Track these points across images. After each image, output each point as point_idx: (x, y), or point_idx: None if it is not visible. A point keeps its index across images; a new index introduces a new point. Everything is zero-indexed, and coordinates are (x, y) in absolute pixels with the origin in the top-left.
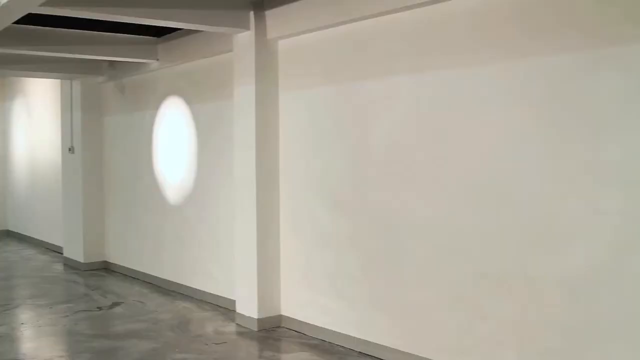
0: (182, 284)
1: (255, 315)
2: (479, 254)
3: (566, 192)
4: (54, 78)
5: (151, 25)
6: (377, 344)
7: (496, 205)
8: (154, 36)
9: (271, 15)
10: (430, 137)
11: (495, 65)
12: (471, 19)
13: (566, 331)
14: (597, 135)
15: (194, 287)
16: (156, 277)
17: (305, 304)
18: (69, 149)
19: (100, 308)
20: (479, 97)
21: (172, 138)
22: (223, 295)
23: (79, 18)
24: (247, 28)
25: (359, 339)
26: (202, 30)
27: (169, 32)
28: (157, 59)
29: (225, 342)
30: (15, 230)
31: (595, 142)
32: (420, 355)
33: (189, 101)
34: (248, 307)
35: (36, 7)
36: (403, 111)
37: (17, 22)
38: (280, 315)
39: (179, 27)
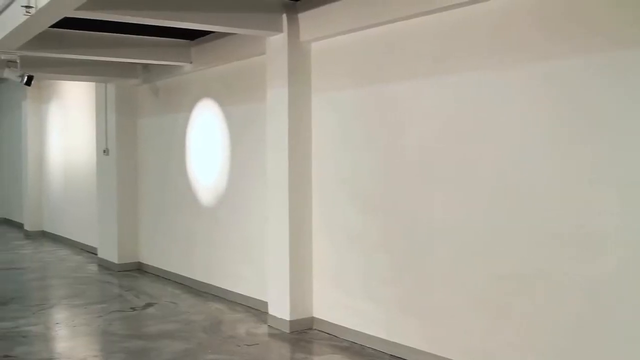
0: (214, 285)
1: (287, 317)
2: (506, 256)
3: (590, 195)
4: (90, 81)
5: (185, 28)
6: (407, 346)
7: (523, 208)
8: (187, 39)
9: (304, 17)
10: (459, 139)
11: (518, 68)
12: (497, 21)
13: (590, 334)
14: (618, 137)
15: (226, 288)
16: (189, 278)
17: (336, 306)
18: (104, 151)
19: (133, 309)
20: (505, 100)
21: (205, 140)
22: (255, 297)
23: (114, 21)
24: (280, 31)
25: (390, 341)
26: (235, 33)
27: (203, 35)
28: (191, 62)
29: (257, 344)
30: (51, 231)
31: (618, 144)
32: (448, 357)
33: (221, 103)
34: (280, 309)
35: (72, 11)
36: (433, 113)
37: (54, 25)
38: (312, 317)
39: (212, 30)
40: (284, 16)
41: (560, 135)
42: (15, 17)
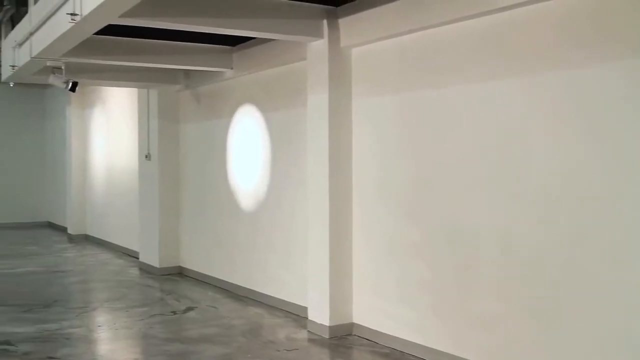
0: (254, 290)
1: (327, 323)
2: (549, 262)
3: (636, 203)
4: (132, 87)
5: (227, 35)
6: (448, 353)
7: (565, 214)
8: (229, 45)
9: (344, 23)
10: (499, 144)
11: (557, 74)
12: (536, 26)
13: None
14: None
15: (266, 293)
16: (229, 282)
17: (376, 312)
18: (146, 156)
19: (174, 312)
20: (545, 104)
21: (246, 145)
22: (295, 302)
23: (157, 28)
24: (320, 36)
25: (430, 348)
26: (276, 39)
27: (244, 41)
28: (232, 68)
29: (296, 349)
30: (93, 235)
31: None
32: None
33: (262, 109)
34: (320, 314)
35: (116, 18)
36: (473, 118)
37: (98, 32)
38: (352, 323)
39: (253, 36)
40: (325, 22)
41: (603, 138)
42: (61, 24)
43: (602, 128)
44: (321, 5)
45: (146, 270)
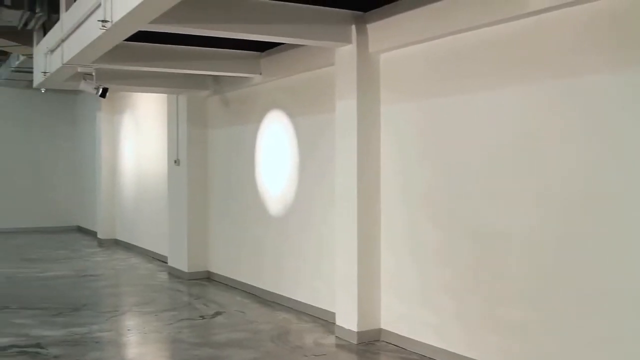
0: (282, 295)
1: (354, 328)
2: (578, 269)
3: None
4: (162, 93)
5: (255, 41)
6: None
7: (594, 218)
8: (257, 51)
9: (373, 28)
10: (526, 150)
11: (585, 78)
12: (563, 30)
13: None
14: None
15: (294, 298)
16: (257, 287)
17: (404, 317)
18: (175, 161)
19: (202, 317)
20: (576, 110)
21: (274, 150)
22: (323, 308)
23: (186, 34)
24: (349, 42)
25: (459, 355)
26: (304, 45)
27: (272, 47)
28: (260, 73)
29: (324, 355)
30: (123, 240)
31: None
32: None
33: (290, 114)
34: (348, 320)
35: (146, 24)
36: (502, 123)
37: (128, 39)
38: (380, 329)
39: (282, 42)
40: (353, 27)
41: (629, 142)
42: (92, 31)
43: (626, 133)
44: (349, 11)
45: (175, 274)
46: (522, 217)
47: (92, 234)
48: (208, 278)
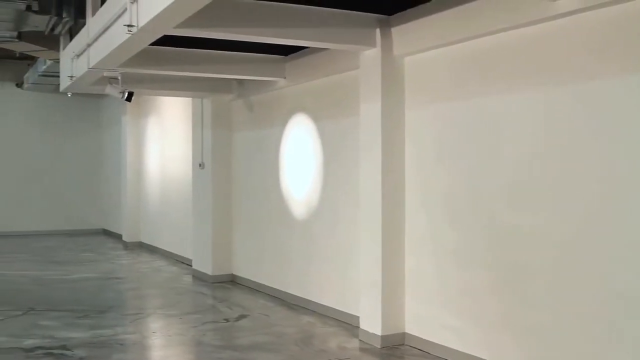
0: (306, 299)
1: (378, 332)
2: (614, 272)
3: None
4: (187, 97)
5: (279, 44)
6: None
7: (617, 220)
8: (281, 55)
9: (397, 32)
10: (557, 153)
11: (618, 81)
12: (592, 33)
13: None
14: None
15: (318, 301)
16: (281, 290)
17: (429, 321)
18: (200, 165)
19: (226, 320)
20: (603, 112)
21: (299, 154)
22: (347, 311)
23: (211, 38)
24: (373, 45)
25: (483, 359)
26: (328, 48)
27: (296, 51)
28: (285, 77)
29: (348, 358)
30: (148, 242)
31: None
32: None
33: (315, 118)
34: (371, 324)
35: (171, 29)
36: (528, 126)
37: (153, 43)
38: (404, 333)
39: (306, 45)
40: (378, 31)
41: None
42: (118, 35)
43: None
44: (374, 14)
45: (199, 277)
46: (545, 219)
47: (117, 236)
48: (232, 281)
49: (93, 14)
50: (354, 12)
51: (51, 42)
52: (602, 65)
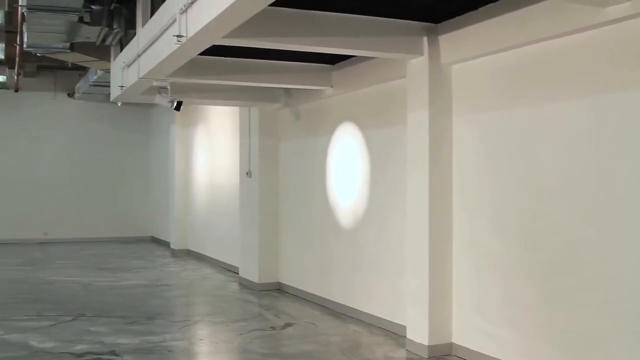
0: (353, 307)
1: (425, 342)
2: None
3: None
4: (234, 105)
5: (327, 53)
6: None
7: None
8: (328, 63)
9: (445, 40)
10: (609, 162)
11: None
12: None
13: None
14: None
15: (364, 310)
16: (327, 299)
17: (477, 332)
18: (247, 173)
19: (273, 328)
20: None
21: (345, 163)
22: (394, 320)
23: (258, 48)
24: (420, 54)
25: None
26: (375, 57)
27: (344, 59)
28: (332, 86)
29: None
30: (195, 250)
31: None
32: None
33: (362, 127)
34: (418, 333)
35: (220, 39)
36: (579, 135)
37: (201, 53)
38: (451, 343)
39: (353, 54)
40: (425, 39)
41: None
42: (167, 46)
43: None
44: (421, 23)
45: (246, 285)
46: (603, 231)
47: (165, 244)
48: (279, 289)
49: (143, 24)
50: (401, 20)
51: (102, 52)
52: None
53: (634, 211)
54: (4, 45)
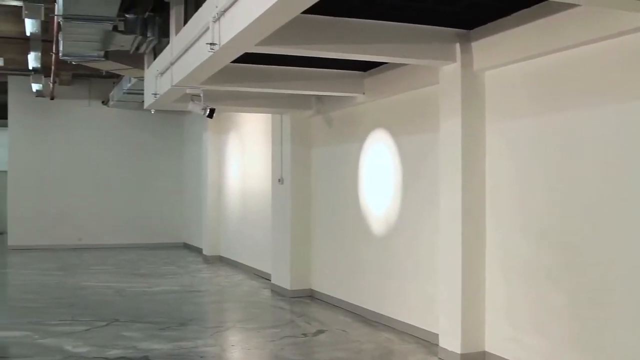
0: (385, 315)
1: (458, 350)
2: None
3: None
4: (266, 113)
5: (358, 60)
6: None
7: None
8: (360, 70)
9: (477, 46)
10: (635, 170)
11: None
12: None
13: None
14: None
15: (396, 318)
16: (359, 306)
17: (510, 341)
18: (279, 180)
19: (305, 335)
20: None
21: (377, 170)
22: (426, 328)
23: (290, 55)
24: (453, 60)
25: None
26: (408, 64)
27: (376, 66)
28: (364, 93)
29: None
30: (227, 256)
31: None
32: None
33: (394, 133)
34: (451, 342)
35: (252, 46)
36: (614, 143)
37: (234, 61)
38: (484, 352)
39: (385, 61)
40: (457, 45)
41: None
42: (200, 54)
43: None
44: (454, 29)
45: (278, 292)
46: (627, 238)
47: (197, 250)
48: (311, 296)
49: (176, 33)
50: (434, 27)
51: (136, 60)
52: None
53: None
54: (40, 54)
